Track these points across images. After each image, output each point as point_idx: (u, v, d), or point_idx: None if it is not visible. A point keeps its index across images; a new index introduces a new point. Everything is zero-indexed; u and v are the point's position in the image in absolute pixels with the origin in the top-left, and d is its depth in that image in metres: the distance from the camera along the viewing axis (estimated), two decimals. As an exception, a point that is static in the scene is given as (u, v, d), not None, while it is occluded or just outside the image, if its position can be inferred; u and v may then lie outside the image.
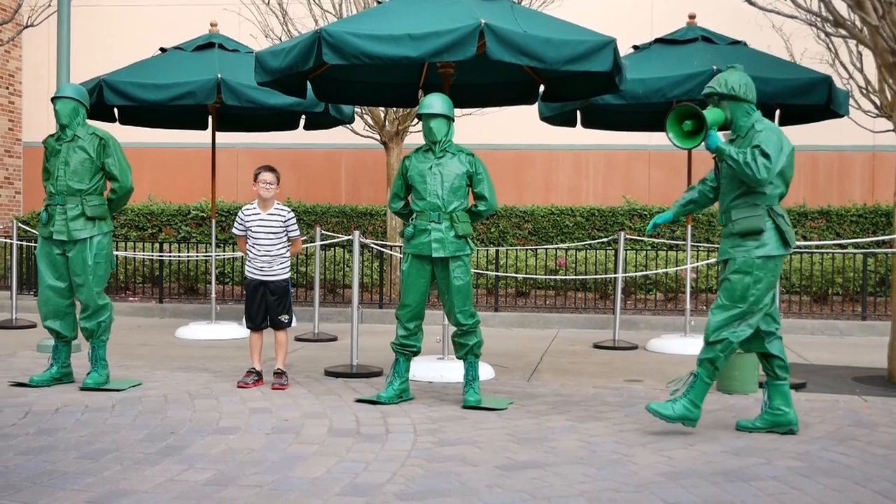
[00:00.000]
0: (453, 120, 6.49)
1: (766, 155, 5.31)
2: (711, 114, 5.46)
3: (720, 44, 9.39)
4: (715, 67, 8.36)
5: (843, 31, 11.40)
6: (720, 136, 5.49)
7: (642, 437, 5.45)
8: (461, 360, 6.65)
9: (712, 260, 10.36)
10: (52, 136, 6.90)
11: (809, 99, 8.63)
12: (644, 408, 5.34)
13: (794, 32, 13.76)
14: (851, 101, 11.52)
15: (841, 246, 13.44)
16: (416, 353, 6.57)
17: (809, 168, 15.82)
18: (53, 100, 6.85)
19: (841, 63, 13.00)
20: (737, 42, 9.58)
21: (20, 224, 12.50)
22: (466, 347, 6.45)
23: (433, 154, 6.44)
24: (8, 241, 11.89)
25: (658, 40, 9.74)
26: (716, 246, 12.44)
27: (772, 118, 10.22)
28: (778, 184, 5.51)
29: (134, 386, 6.85)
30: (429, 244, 6.35)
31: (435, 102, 6.42)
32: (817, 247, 13.08)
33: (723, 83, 5.54)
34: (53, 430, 5.44)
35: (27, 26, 14.09)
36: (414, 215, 6.50)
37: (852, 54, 12.61)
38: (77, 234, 6.72)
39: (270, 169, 7.09)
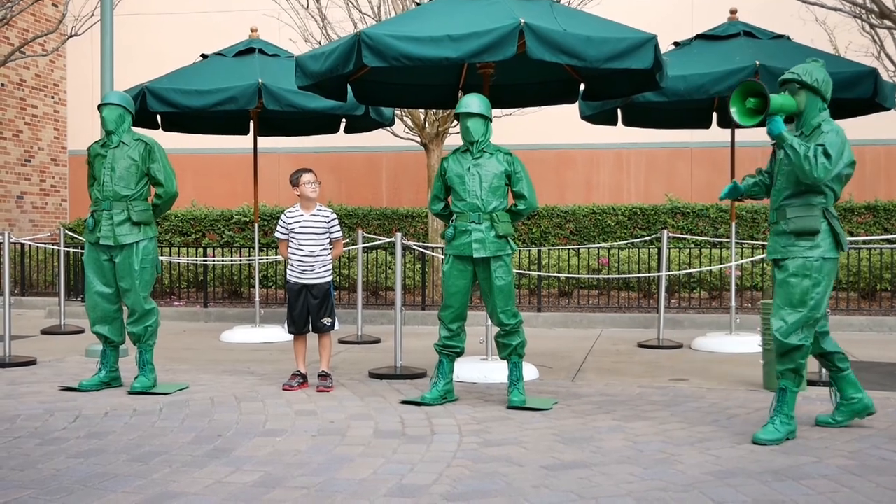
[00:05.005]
0: (491, 120, 6.48)
1: (827, 155, 5.18)
2: (782, 98, 5.35)
3: (763, 38, 9.29)
4: (758, 62, 8.28)
5: (888, 23, 11.24)
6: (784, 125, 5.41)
7: (689, 436, 5.41)
8: (505, 361, 6.63)
9: (757, 257, 10.22)
10: (98, 142, 6.99)
11: (855, 92, 8.51)
12: (753, 437, 5.29)
13: (839, 25, 13.60)
14: (898, 94, 11.33)
15: (889, 241, 13.24)
16: (459, 354, 6.57)
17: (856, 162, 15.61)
18: (100, 107, 6.94)
19: (887, 55, 12.83)
20: (780, 36, 9.48)
21: (67, 231, 12.67)
22: (510, 348, 6.43)
23: (471, 154, 6.43)
24: (55, 247, 12.06)
25: (699, 36, 9.66)
26: (761, 243, 12.31)
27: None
28: (833, 185, 5.36)
29: (181, 389, 6.92)
30: (469, 245, 6.34)
31: (472, 102, 6.41)
32: (864, 242, 12.90)
33: (808, 74, 5.42)
34: (103, 433, 5.50)
35: (71, 36, 14.31)
36: (454, 216, 6.50)
37: (898, 46, 12.43)
38: (123, 240, 6.80)
39: (309, 169, 7.14)
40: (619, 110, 10.05)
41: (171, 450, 5.09)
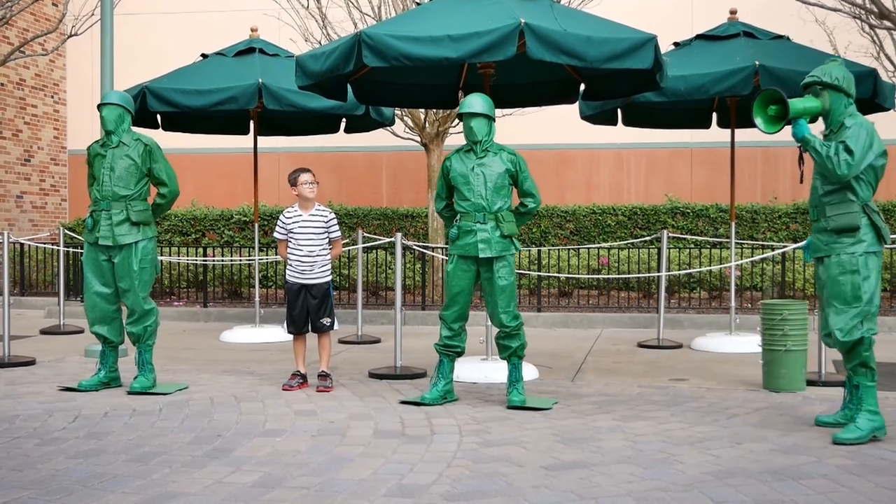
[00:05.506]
0: (494, 119, 6.48)
1: (849, 151, 5.20)
2: (804, 102, 5.37)
3: (762, 39, 9.28)
4: (758, 63, 8.27)
5: (888, 23, 11.24)
6: (809, 128, 5.41)
7: (689, 436, 5.41)
8: (505, 361, 6.62)
9: (757, 257, 10.23)
10: (97, 142, 6.98)
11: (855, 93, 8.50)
12: (833, 438, 5.25)
13: (838, 26, 13.59)
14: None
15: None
16: (459, 354, 6.56)
17: (855, 163, 15.59)
18: (99, 106, 6.94)
19: (886, 56, 12.82)
20: (779, 37, 9.47)
21: (66, 231, 12.66)
22: (510, 350, 6.42)
23: (475, 154, 6.43)
24: (55, 247, 12.06)
25: (699, 36, 9.65)
26: (760, 243, 12.32)
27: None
28: (868, 179, 5.35)
29: (180, 389, 6.92)
30: (475, 245, 6.33)
31: (475, 102, 6.41)
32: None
33: (827, 73, 5.43)
34: (102, 433, 5.50)
35: (71, 35, 14.31)
36: (458, 216, 6.49)
37: (898, 46, 12.44)
38: (122, 240, 6.80)
39: (307, 169, 7.13)
40: (619, 110, 10.04)
41: (171, 450, 5.09)
